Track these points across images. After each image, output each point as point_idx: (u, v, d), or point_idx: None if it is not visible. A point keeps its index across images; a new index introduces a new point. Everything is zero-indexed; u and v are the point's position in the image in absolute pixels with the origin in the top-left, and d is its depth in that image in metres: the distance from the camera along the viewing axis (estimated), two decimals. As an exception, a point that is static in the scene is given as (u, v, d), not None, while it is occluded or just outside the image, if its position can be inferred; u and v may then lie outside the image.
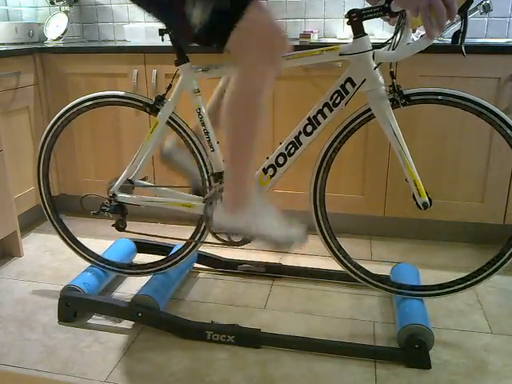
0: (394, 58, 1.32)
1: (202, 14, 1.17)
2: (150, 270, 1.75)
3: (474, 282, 1.51)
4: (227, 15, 1.16)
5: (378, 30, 2.46)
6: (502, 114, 1.36)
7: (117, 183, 1.62)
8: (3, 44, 2.52)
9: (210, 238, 1.59)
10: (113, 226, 1.67)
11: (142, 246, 1.99)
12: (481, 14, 2.12)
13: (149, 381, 1.39)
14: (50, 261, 2.10)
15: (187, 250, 1.67)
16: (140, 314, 1.59)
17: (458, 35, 1.22)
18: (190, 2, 1.18)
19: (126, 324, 1.64)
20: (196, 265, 1.98)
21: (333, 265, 1.94)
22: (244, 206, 1.38)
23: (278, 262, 2.01)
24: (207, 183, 1.57)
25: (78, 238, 1.81)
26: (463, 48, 1.23)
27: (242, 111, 1.27)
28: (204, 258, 1.97)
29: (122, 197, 1.63)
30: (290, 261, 2.06)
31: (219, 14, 1.17)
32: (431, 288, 1.56)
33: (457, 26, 1.25)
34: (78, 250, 1.81)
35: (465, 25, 1.22)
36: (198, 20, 1.18)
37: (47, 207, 1.79)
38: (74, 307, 1.66)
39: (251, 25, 1.18)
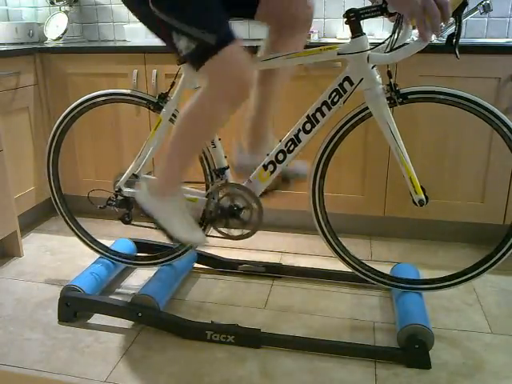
0: (388, 60, 1.33)
1: (187, 45, 1.26)
2: (157, 261, 1.79)
3: (469, 277, 1.53)
4: (208, 49, 1.24)
5: (377, 29, 2.46)
6: (501, 114, 1.37)
7: (122, 178, 1.65)
8: (3, 44, 2.52)
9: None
10: (119, 219, 1.70)
11: (142, 246, 1.99)
12: (481, 13, 2.12)
13: (149, 381, 1.39)
14: (49, 261, 2.10)
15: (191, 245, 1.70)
16: (140, 314, 1.59)
17: (452, 37, 1.23)
18: (177, 33, 1.26)
19: (126, 324, 1.64)
20: (196, 265, 1.98)
21: (333, 265, 1.94)
22: (164, 196, 1.48)
23: (277, 262, 2.02)
24: (209, 178, 1.60)
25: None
26: (457, 51, 1.24)
27: (189, 125, 1.37)
28: (204, 258, 1.97)
29: (128, 191, 1.65)
30: (290, 261, 2.06)
31: (202, 47, 1.25)
32: (428, 282, 1.59)
33: (454, 28, 1.26)
34: (89, 243, 1.85)
35: (459, 27, 1.23)
36: (184, 48, 1.27)
37: (58, 202, 1.84)
38: (74, 307, 1.66)
39: (224, 63, 1.26)
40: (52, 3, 2.71)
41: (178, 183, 1.51)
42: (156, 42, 1.54)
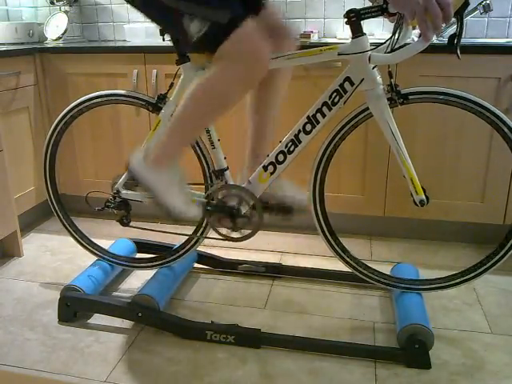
0: (390, 60, 1.32)
1: (199, 28, 1.23)
2: (155, 263, 1.78)
3: (470, 277, 1.53)
4: (222, 29, 1.22)
5: (377, 29, 2.46)
6: (501, 114, 1.37)
7: (121, 180, 1.64)
8: (3, 44, 2.52)
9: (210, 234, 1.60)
10: (117, 221, 1.69)
11: (142, 246, 1.99)
12: (481, 13, 2.12)
13: (149, 381, 1.39)
14: (50, 261, 2.10)
15: (190, 244, 1.70)
16: (140, 314, 1.59)
17: (454, 38, 1.23)
18: (188, 17, 1.23)
19: (126, 324, 1.64)
20: (196, 265, 1.98)
21: (333, 265, 1.94)
22: (161, 167, 1.42)
23: (277, 262, 2.02)
24: (209, 180, 1.59)
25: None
26: (458, 51, 1.23)
27: (199, 102, 1.32)
28: (204, 258, 1.97)
29: (126, 193, 1.64)
30: (290, 261, 2.06)
31: (215, 28, 1.22)
32: (428, 282, 1.59)
33: (455, 27, 1.26)
34: (85, 244, 1.84)
35: (460, 27, 1.23)
36: (195, 32, 1.24)
37: (54, 203, 1.82)
38: (73, 307, 1.66)
39: (239, 42, 1.23)
40: (52, 3, 2.71)
41: (175, 157, 1.45)
42: (156, 41, 1.54)
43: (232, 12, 1.21)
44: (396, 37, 1.31)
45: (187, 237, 1.70)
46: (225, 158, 1.57)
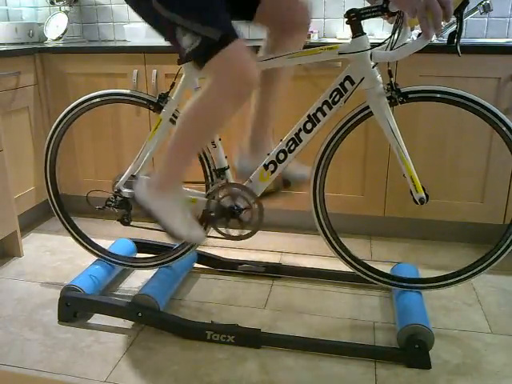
0: (391, 58, 1.34)
1: (191, 42, 1.27)
2: (155, 263, 1.78)
3: (468, 276, 1.54)
4: (212, 46, 1.25)
5: (377, 29, 2.46)
6: (501, 114, 1.37)
7: (122, 179, 1.65)
8: (3, 44, 2.52)
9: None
10: (118, 220, 1.69)
11: (142, 246, 1.99)
12: (481, 13, 2.12)
13: (149, 381, 1.39)
14: (50, 261, 2.10)
15: (189, 244, 1.70)
16: (140, 314, 1.59)
17: (454, 35, 1.23)
18: (180, 31, 1.27)
19: (126, 324, 1.64)
20: (196, 265, 1.98)
21: (333, 265, 1.94)
22: (165, 193, 1.48)
23: (277, 262, 2.02)
24: (209, 179, 1.60)
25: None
26: (458, 48, 1.24)
27: (193, 122, 1.38)
28: (204, 258, 1.97)
29: (127, 192, 1.64)
30: (290, 261, 2.06)
31: (206, 44, 1.25)
32: (428, 280, 1.60)
33: (455, 27, 1.27)
34: (85, 245, 1.84)
35: (460, 25, 1.23)
36: (187, 45, 1.28)
37: (55, 203, 1.82)
38: (74, 307, 1.66)
39: (229, 59, 1.26)
40: (52, 3, 2.71)
41: (178, 180, 1.51)
42: (156, 41, 1.54)
43: (224, 31, 1.24)
44: (395, 37, 1.32)
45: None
46: (226, 156, 1.58)
